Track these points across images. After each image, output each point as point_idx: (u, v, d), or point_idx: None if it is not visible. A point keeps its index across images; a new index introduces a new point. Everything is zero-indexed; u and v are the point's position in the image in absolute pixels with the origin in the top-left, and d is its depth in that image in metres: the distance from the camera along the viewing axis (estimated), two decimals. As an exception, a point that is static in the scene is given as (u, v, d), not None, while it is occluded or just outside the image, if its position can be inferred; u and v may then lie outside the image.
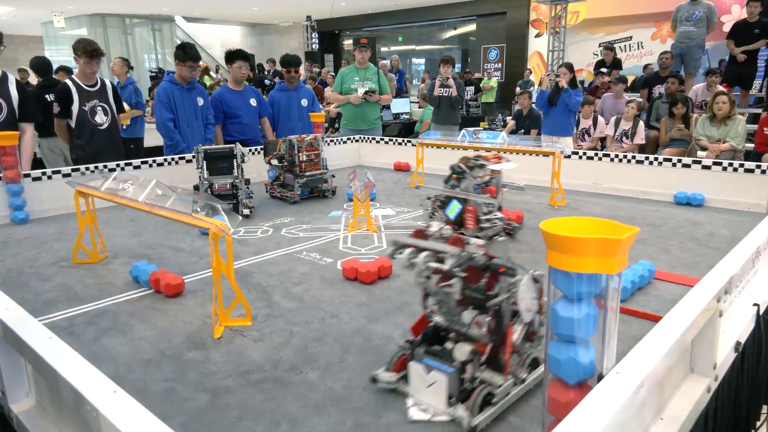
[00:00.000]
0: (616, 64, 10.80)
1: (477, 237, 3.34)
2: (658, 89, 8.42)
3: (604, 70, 10.20)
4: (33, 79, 7.59)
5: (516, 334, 1.55)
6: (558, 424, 0.96)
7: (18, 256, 3.16)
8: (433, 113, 7.92)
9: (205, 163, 3.89)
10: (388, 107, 11.11)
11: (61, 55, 18.82)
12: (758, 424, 2.28)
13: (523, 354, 1.60)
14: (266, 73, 14.61)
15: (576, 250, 1.08)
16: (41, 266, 2.98)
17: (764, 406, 2.34)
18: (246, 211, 3.87)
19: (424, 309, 1.72)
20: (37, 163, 6.41)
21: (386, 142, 6.33)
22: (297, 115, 5.98)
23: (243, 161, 3.93)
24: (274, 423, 1.58)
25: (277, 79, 10.13)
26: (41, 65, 6.83)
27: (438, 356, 1.59)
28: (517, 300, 1.51)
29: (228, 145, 3.99)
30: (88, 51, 4.59)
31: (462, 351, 1.54)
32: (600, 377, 1.19)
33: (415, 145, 5.21)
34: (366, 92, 6.20)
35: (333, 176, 4.79)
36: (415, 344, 1.68)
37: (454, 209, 3.38)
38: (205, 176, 3.90)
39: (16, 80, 4.48)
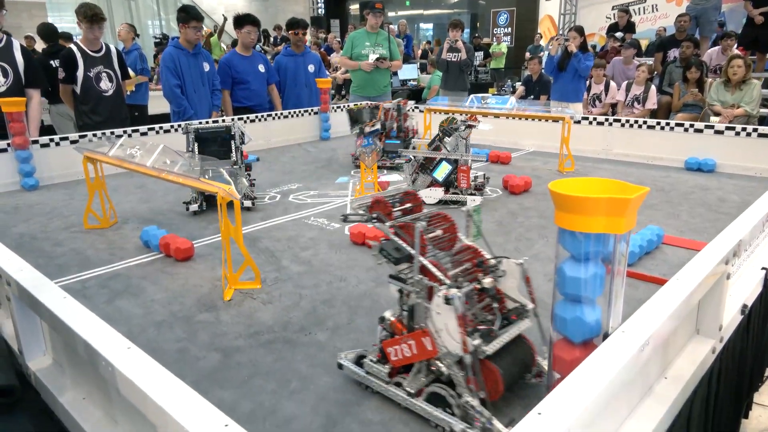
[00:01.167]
0: (630, 27, 10.54)
1: (472, 195, 3.36)
2: (673, 53, 8.22)
3: (618, 34, 9.95)
4: (39, 46, 7.53)
5: (428, 345, 1.35)
6: (563, 380, 0.98)
7: (30, 222, 3.20)
8: (441, 79, 7.81)
9: (196, 145, 3.31)
10: (395, 73, 10.96)
11: (64, 22, 18.54)
12: (760, 385, 2.31)
13: (425, 375, 1.42)
14: (272, 40, 14.30)
15: (585, 210, 1.08)
16: (53, 231, 3.02)
17: (767, 369, 2.36)
18: (247, 203, 3.33)
19: None
20: (46, 130, 6.41)
21: (394, 109, 6.26)
22: (304, 81, 5.92)
23: (243, 143, 3.39)
24: (284, 381, 1.61)
25: (283, 45, 9.95)
26: (47, 31, 6.79)
27: None
28: (432, 313, 1.33)
29: (224, 124, 3.41)
30: (88, 16, 4.54)
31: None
32: (606, 336, 1.20)
33: (422, 112, 5.16)
34: (377, 59, 6.11)
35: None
36: None
37: (443, 171, 3.37)
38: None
39: (21, 46, 4.45)
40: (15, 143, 3.86)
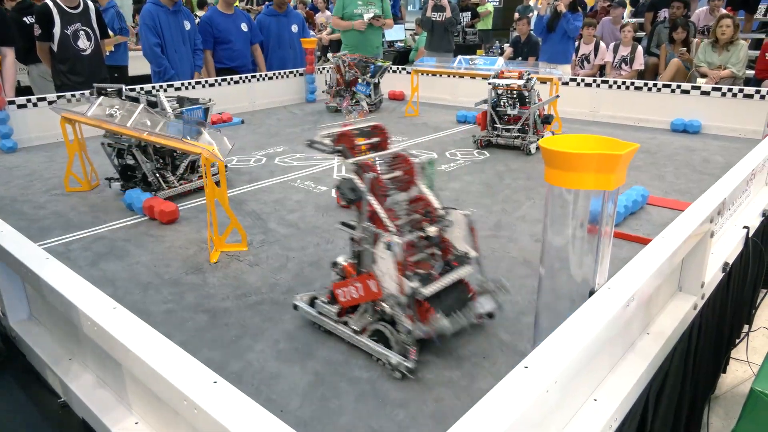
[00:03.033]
0: (620, -14, 10.35)
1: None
2: (664, 13, 8.12)
3: (608, -8, 9.77)
4: (10, 3, 7.19)
5: (374, 287, 1.45)
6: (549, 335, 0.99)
7: (9, 185, 3.13)
8: (426, 39, 7.64)
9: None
10: (383, 35, 10.70)
11: (37, -22, 17.78)
12: (737, 341, 2.37)
13: (372, 314, 1.53)
14: None
15: (575, 166, 1.07)
16: (33, 194, 2.96)
17: (745, 325, 2.43)
18: (161, 195, 2.75)
19: None
20: (23, 92, 6.18)
21: (380, 70, 6.15)
22: (288, 42, 5.76)
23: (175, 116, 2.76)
24: (272, 341, 1.62)
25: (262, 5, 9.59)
26: None
27: None
28: (377, 258, 1.42)
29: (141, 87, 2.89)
30: None
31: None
32: (591, 293, 1.21)
33: (409, 73, 5.08)
34: (373, 17, 5.94)
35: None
36: None
37: None
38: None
39: (-9, 2, 4.26)
40: (-10, 104, 3.74)
